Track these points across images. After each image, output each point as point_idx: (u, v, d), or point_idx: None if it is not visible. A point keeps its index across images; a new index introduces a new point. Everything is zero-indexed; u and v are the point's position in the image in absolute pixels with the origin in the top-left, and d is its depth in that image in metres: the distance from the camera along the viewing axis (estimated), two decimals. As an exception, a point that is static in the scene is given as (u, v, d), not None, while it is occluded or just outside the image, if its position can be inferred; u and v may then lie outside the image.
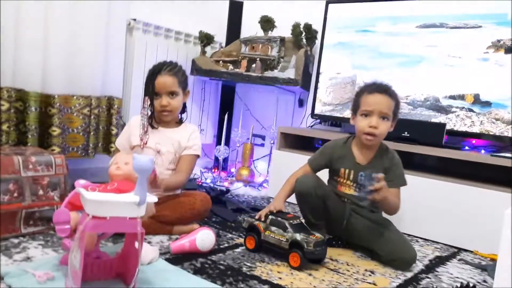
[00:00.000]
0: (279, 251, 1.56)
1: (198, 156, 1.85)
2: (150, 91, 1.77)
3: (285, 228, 1.54)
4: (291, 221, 1.56)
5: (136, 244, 1.13)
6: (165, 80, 1.76)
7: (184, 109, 1.91)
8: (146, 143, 1.74)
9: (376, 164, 1.74)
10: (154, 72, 1.77)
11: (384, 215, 1.79)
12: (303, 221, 1.64)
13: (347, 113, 2.67)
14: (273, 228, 1.57)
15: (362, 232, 1.73)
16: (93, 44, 2.34)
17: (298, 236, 1.49)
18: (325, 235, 1.66)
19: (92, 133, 2.38)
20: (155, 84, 1.76)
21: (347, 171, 1.76)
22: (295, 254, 1.49)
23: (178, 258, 1.47)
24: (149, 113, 1.78)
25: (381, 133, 1.67)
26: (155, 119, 1.83)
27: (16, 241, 1.48)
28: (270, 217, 1.60)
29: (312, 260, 1.53)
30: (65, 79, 2.23)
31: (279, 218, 1.58)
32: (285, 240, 1.52)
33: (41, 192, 1.59)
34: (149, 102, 1.74)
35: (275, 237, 1.56)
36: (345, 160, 1.77)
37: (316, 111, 2.81)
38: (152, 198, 1.16)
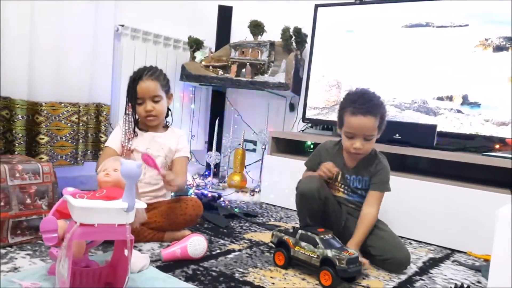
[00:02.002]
0: (310, 268, 1.47)
1: (188, 158, 1.86)
2: (133, 97, 1.76)
3: (315, 243, 1.44)
4: (322, 236, 1.46)
5: (126, 252, 1.10)
6: (148, 85, 1.75)
7: (167, 112, 1.89)
8: (129, 149, 1.76)
9: (361, 168, 1.75)
10: (136, 78, 1.76)
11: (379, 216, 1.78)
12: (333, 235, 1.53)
13: (333, 117, 2.67)
14: (303, 244, 1.48)
15: None
16: (80, 51, 2.32)
17: (330, 253, 1.40)
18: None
19: (81, 141, 2.35)
20: (137, 90, 1.75)
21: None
22: (326, 272, 1.39)
23: (169, 266, 1.45)
24: (132, 119, 1.79)
25: (366, 151, 1.68)
26: (139, 126, 1.82)
27: (3, 251, 1.45)
28: (299, 231, 1.52)
29: (345, 279, 1.43)
30: (52, 86, 2.21)
31: (309, 233, 1.48)
32: (315, 256, 1.43)
33: (28, 200, 1.55)
34: (131, 109, 1.77)
35: (305, 253, 1.46)
36: (335, 162, 1.75)
37: (307, 115, 2.81)
38: (141, 204, 1.14)
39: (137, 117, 1.81)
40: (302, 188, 1.69)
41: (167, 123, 1.90)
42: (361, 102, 1.63)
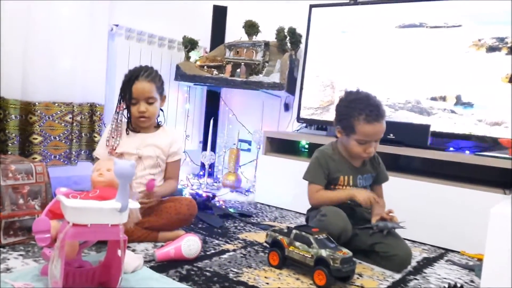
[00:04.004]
0: (304, 268, 1.47)
1: (180, 159, 1.87)
2: (127, 97, 1.74)
3: (309, 243, 1.45)
4: (316, 236, 1.46)
5: (119, 252, 1.10)
6: (144, 86, 1.72)
7: (159, 113, 1.88)
8: (114, 149, 1.74)
9: (368, 166, 1.80)
10: (131, 78, 1.74)
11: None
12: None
13: (327, 117, 2.68)
14: (297, 244, 1.48)
15: (363, 234, 1.71)
16: (74, 50, 2.30)
17: (324, 252, 1.40)
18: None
19: (74, 141, 2.34)
20: (132, 90, 1.72)
21: (346, 177, 1.76)
22: (321, 272, 1.39)
23: (163, 266, 1.44)
24: (124, 119, 1.77)
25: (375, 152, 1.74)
26: (132, 125, 1.80)
27: (-5, 252, 1.44)
28: (294, 231, 1.51)
29: (339, 278, 1.43)
30: (46, 86, 2.19)
31: (303, 233, 1.48)
32: (310, 256, 1.43)
33: (21, 201, 1.55)
34: (124, 108, 1.75)
35: (300, 253, 1.47)
36: (341, 167, 1.76)
37: (302, 115, 2.82)
38: (135, 204, 1.13)
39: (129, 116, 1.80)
40: (327, 227, 1.57)
41: (159, 123, 1.87)
42: (371, 108, 1.64)
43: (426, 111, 2.36)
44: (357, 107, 1.65)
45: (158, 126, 1.87)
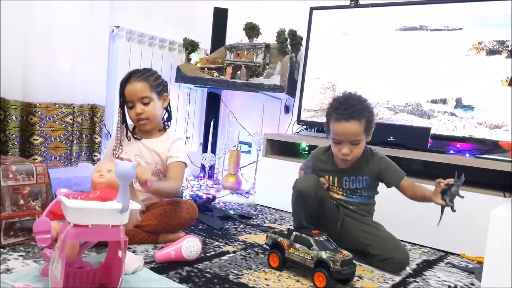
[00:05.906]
0: (305, 270, 1.47)
1: (185, 163, 1.73)
2: (122, 101, 1.71)
3: (309, 245, 1.45)
4: (317, 238, 1.46)
5: (120, 253, 1.10)
6: (135, 87, 1.68)
7: (169, 115, 1.83)
8: (118, 157, 1.71)
9: (358, 168, 1.73)
10: (123, 81, 1.71)
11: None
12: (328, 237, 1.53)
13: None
14: (298, 245, 1.48)
15: (355, 234, 1.71)
16: (75, 52, 2.30)
17: (324, 254, 1.40)
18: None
19: (75, 142, 2.34)
20: (125, 93, 1.69)
21: (331, 177, 1.76)
22: (321, 274, 1.39)
23: (163, 267, 1.44)
24: (123, 125, 1.74)
25: (355, 156, 1.67)
26: (135, 130, 1.77)
27: (-5, 252, 1.44)
28: (294, 233, 1.51)
29: (339, 280, 1.43)
30: (46, 87, 2.20)
31: (303, 235, 1.48)
32: (310, 258, 1.43)
33: (22, 201, 1.55)
34: (121, 115, 1.71)
35: (300, 254, 1.47)
36: (327, 167, 1.78)
37: (302, 117, 2.82)
38: (136, 205, 1.13)
39: (129, 122, 1.77)
40: (299, 187, 1.70)
41: (165, 126, 1.82)
42: (344, 107, 1.62)
43: (426, 113, 2.36)
44: (333, 105, 1.68)
45: (164, 129, 1.81)
